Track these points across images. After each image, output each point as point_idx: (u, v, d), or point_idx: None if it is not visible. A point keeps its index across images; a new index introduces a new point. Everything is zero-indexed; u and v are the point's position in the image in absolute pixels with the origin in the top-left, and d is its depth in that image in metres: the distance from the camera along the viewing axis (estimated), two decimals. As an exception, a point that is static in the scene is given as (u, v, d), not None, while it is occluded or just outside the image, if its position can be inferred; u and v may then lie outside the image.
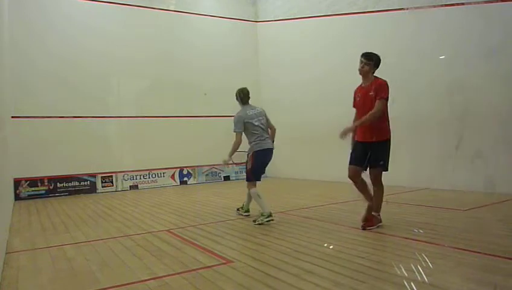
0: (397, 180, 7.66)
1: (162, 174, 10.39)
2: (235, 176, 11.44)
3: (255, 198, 4.97)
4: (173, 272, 3.14)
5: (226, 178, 11.32)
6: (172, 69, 10.56)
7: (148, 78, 10.33)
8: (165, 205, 6.97)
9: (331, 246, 3.68)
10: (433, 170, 7.32)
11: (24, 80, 8.81)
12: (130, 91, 10.13)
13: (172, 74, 10.55)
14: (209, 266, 3.24)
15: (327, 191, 7.80)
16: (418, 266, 2.93)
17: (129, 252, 3.85)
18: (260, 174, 5.13)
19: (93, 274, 3.20)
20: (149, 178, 10.21)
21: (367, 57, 4.21)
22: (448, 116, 7.10)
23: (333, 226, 4.36)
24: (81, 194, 9.22)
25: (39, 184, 8.90)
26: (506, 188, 6.15)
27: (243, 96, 5.24)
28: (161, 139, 10.27)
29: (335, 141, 4.75)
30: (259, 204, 4.92)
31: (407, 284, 2.60)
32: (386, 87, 4.12)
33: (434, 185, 7.25)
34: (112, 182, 9.74)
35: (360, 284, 2.66)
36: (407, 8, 7.77)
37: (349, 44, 8.87)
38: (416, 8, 7.60)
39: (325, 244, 3.75)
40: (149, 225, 5.19)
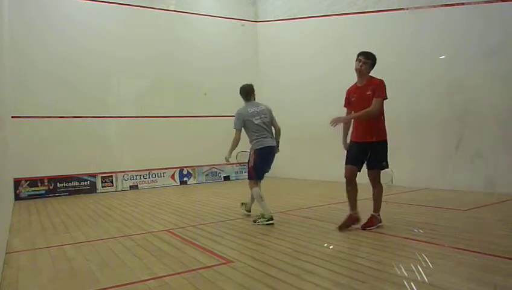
0: (397, 180, 7.67)
1: (162, 174, 10.39)
2: (235, 176, 11.44)
3: (257, 199, 4.91)
4: (173, 272, 3.14)
5: (226, 178, 11.32)
6: (172, 69, 10.56)
7: (148, 78, 10.33)
8: (165, 205, 6.97)
9: (331, 246, 3.68)
10: (433, 170, 7.32)
11: (24, 80, 8.80)
12: (130, 91, 10.13)
13: (172, 74, 10.54)
14: (209, 266, 3.24)
15: (327, 191, 7.79)
16: (418, 266, 2.93)
17: (129, 252, 3.85)
18: (262, 173, 5.06)
19: (93, 274, 3.20)
20: (149, 178, 10.21)
21: (365, 56, 4.17)
22: (448, 116, 7.10)
23: (333, 226, 4.36)
24: (81, 194, 9.22)
25: (39, 184, 8.90)
26: (506, 188, 6.15)
27: (245, 93, 5.18)
28: (161, 139, 10.27)
29: (335, 141, 4.77)
30: (261, 206, 4.88)
31: (407, 284, 2.60)
32: (385, 87, 4.09)
33: (434, 185, 7.25)
34: (112, 182, 9.74)
35: (360, 284, 2.66)
36: (407, 8, 7.77)
37: (349, 44, 8.85)
38: (416, 8, 7.60)
39: (325, 244, 3.75)
40: (149, 225, 5.20)
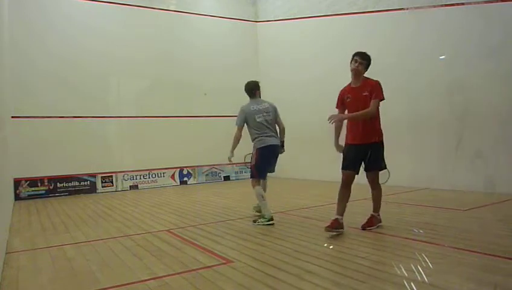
0: (397, 180, 7.67)
1: (162, 174, 10.39)
2: (235, 176, 11.44)
3: (258, 198, 4.87)
4: (173, 272, 3.14)
5: (226, 178, 11.32)
6: (172, 69, 10.56)
7: (148, 78, 10.33)
8: (165, 205, 6.97)
9: (331, 246, 3.68)
10: (433, 170, 7.32)
11: (24, 80, 8.81)
12: (130, 91, 10.13)
13: (172, 74, 10.55)
14: (209, 266, 3.24)
15: (327, 191, 7.79)
16: (418, 266, 2.93)
17: (129, 252, 3.85)
18: (264, 172, 5.02)
19: (93, 274, 3.20)
20: (149, 178, 10.21)
21: (361, 56, 4.13)
22: (448, 116, 7.10)
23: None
24: (81, 194, 9.22)
25: (39, 184, 8.90)
26: (506, 188, 6.15)
27: (249, 89, 5.11)
28: (161, 139, 10.27)
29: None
30: (262, 206, 4.86)
31: (407, 284, 2.60)
32: (382, 88, 4.06)
33: (434, 185, 7.25)
34: (112, 182, 9.74)
35: (360, 284, 2.66)
36: (407, 8, 7.77)
37: (349, 44, 8.82)
38: (416, 8, 7.60)
39: (325, 244, 3.75)
40: (149, 225, 5.19)
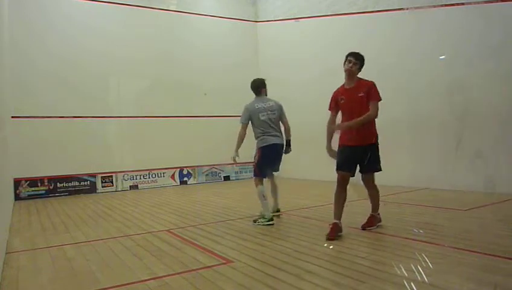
0: (397, 180, 7.69)
1: (162, 174, 10.39)
2: (235, 176, 11.44)
3: (259, 197, 4.85)
4: (173, 272, 3.14)
5: (226, 178, 11.32)
6: (172, 69, 10.56)
7: (148, 78, 10.33)
8: (165, 205, 6.97)
9: (331, 246, 3.68)
10: (433, 170, 7.32)
11: (24, 80, 8.80)
12: (130, 91, 10.13)
13: (172, 74, 10.54)
14: (209, 266, 3.24)
15: (327, 191, 7.75)
16: (418, 266, 2.93)
17: (129, 252, 3.85)
18: (266, 170, 5.00)
19: (93, 274, 3.20)
20: (149, 178, 10.21)
21: (355, 57, 4.06)
22: (448, 116, 7.10)
23: (333, 226, 4.35)
24: (81, 194, 9.22)
25: (39, 184, 8.90)
26: (506, 188, 6.14)
27: (254, 87, 5.09)
28: (161, 139, 10.27)
29: (335, 141, 4.74)
30: (263, 205, 4.84)
31: (407, 284, 2.60)
32: (377, 89, 4.02)
33: (434, 185, 7.24)
34: (112, 182, 9.74)
35: (360, 284, 2.66)
36: (407, 8, 7.77)
37: (349, 44, 8.78)
38: (416, 8, 7.60)
39: (325, 244, 3.75)
40: (149, 225, 5.20)
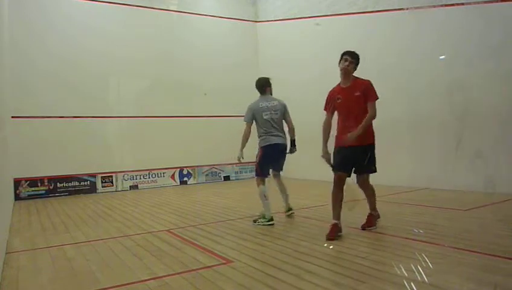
0: (397, 180, 7.69)
1: (162, 174, 10.39)
2: (235, 176, 11.44)
3: (261, 197, 4.84)
4: (173, 272, 3.14)
5: (226, 178, 11.31)
6: (172, 69, 10.56)
7: (148, 78, 10.33)
8: (165, 205, 6.97)
9: (331, 246, 3.68)
10: (433, 170, 7.31)
11: (24, 80, 8.80)
12: (130, 91, 10.12)
13: (172, 74, 10.54)
14: (209, 266, 3.24)
15: (327, 191, 7.73)
16: (418, 266, 2.93)
17: (129, 252, 3.85)
18: (267, 170, 4.99)
19: (93, 274, 3.20)
20: (149, 178, 10.21)
21: (351, 55, 4.01)
22: (448, 116, 7.10)
23: (333, 226, 4.34)
24: (81, 194, 9.22)
25: (39, 184, 8.90)
26: (506, 188, 6.14)
27: (259, 86, 5.06)
28: (161, 139, 10.27)
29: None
30: (264, 205, 4.83)
31: (407, 284, 2.60)
32: (374, 88, 3.98)
33: (434, 185, 7.24)
34: (112, 182, 9.74)
35: (360, 284, 2.66)
36: (407, 8, 7.77)
37: (349, 44, 8.77)
38: (416, 8, 7.60)
39: (325, 244, 3.75)
40: (149, 225, 5.20)
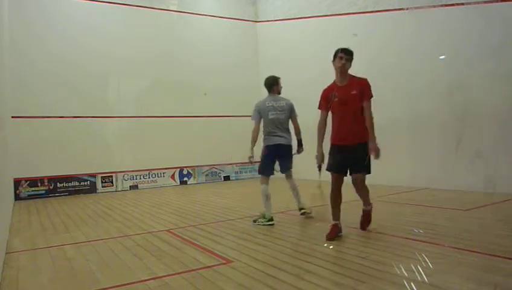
0: (397, 180, 7.69)
1: (162, 174, 10.39)
2: (235, 176, 11.45)
3: (262, 196, 4.85)
4: (173, 272, 3.14)
5: (226, 178, 11.32)
6: (172, 69, 10.57)
7: (148, 78, 10.33)
8: (165, 205, 6.97)
9: (331, 246, 3.68)
10: (433, 170, 7.32)
11: (24, 80, 8.81)
12: (130, 91, 10.13)
13: (172, 74, 10.55)
14: (209, 266, 3.24)
15: (327, 191, 7.77)
16: (418, 266, 2.93)
17: (129, 252, 3.85)
18: (268, 169, 4.99)
19: (93, 274, 3.20)
20: (149, 178, 10.21)
21: (347, 53, 3.92)
22: (448, 116, 7.10)
23: (333, 226, 4.34)
24: (81, 194, 9.22)
25: (39, 184, 8.90)
26: (506, 188, 6.14)
27: (267, 85, 5.08)
28: (161, 139, 10.27)
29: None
30: (265, 205, 4.83)
31: (407, 284, 2.60)
32: (370, 86, 3.92)
33: (434, 185, 7.24)
34: (112, 182, 9.74)
35: (360, 284, 2.66)
36: (407, 8, 7.77)
37: (349, 44, 8.81)
38: (416, 8, 7.60)
39: (325, 245, 3.74)
40: (149, 225, 5.19)
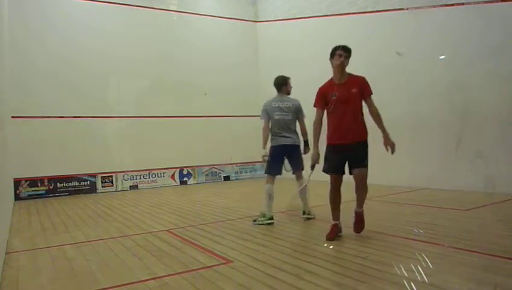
0: (397, 180, 7.69)
1: (162, 174, 10.39)
2: (235, 176, 11.45)
3: (265, 195, 4.87)
4: (173, 272, 3.14)
5: (226, 178, 11.31)
6: (172, 69, 10.56)
7: (148, 78, 10.33)
8: (165, 205, 6.97)
9: (331, 246, 3.68)
10: (433, 170, 7.32)
11: (24, 80, 8.81)
12: (130, 91, 10.13)
13: (172, 74, 10.55)
14: (209, 266, 3.24)
15: (327, 191, 7.77)
16: (418, 266, 2.93)
17: (129, 252, 3.85)
18: (274, 169, 4.97)
19: (93, 274, 3.20)
20: (149, 178, 10.21)
21: (345, 50, 3.87)
22: (448, 116, 7.10)
23: (333, 226, 4.34)
24: (81, 194, 9.22)
25: (39, 184, 8.90)
26: (506, 188, 6.14)
27: (276, 84, 5.09)
28: (161, 139, 10.27)
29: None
30: (266, 203, 4.85)
31: (407, 284, 2.60)
32: (368, 82, 3.89)
33: (434, 185, 7.24)
34: (112, 182, 9.74)
35: (360, 284, 2.66)
36: (407, 8, 7.77)
37: (349, 44, 8.83)
38: (416, 8, 7.60)
39: (325, 244, 3.75)
40: (149, 225, 5.19)
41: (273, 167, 4.99)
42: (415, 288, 2.54)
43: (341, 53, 3.86)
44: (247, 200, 7.13)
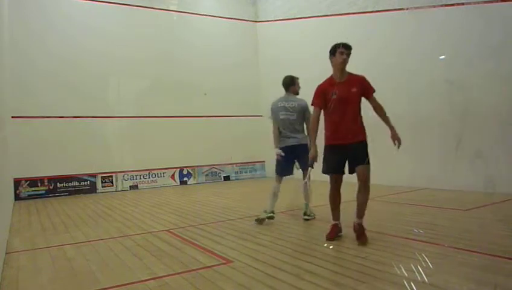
0: (397, 180, 7.69)
1: (162, 174, 10.39)
2: (235, 176, 11.44)
3: (270, 193, 4.90)
4: (173, 272, 3.14)
5: (226, 178, 11.31)
6: (172, 69, 10.56)
7: (148, 78, 10.33)
8: (165, 205, 6.97)
9: (331, 246, 3.68)
10: (433, 170, 7.32)
11: (24, 80, 8.81)
12: (130, 91, 10.13)
13: (172, 74, 10.55)
14: (209, 266, 3.24)
15: (327, 191, 7.77)
16: (418, 266, 2.93)
17: (129, 252, 3.85)
18: (282, 170, 5.00)
19: (93, 274, 3.20)
20: (149, 178, 10.21)
21: (348, 48, 3.81)
22: (448, 116, 7.10)
23: (333, 226, 4.34)
24: (81, 194, 9.22)
25: (39, 184, 8.90)
26: (506, 188, 6.14)
27: (283, 84, 5.09)
28: (161, 139, 10.27)
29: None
30: (269, 201, 4.89)
31: (407, 284, 2.60)
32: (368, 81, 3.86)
33: (434, 185, 7.24)
34: (112, 182, 9.74)
35: (360, 284, 2.66)
36: (407, 8, 7.77)
37: (349, 44, 8.87)
38: (416, 8, 7.60)
39: (325, 245, 3.75)
40: (149, 225, 5.19)
41: (280, 168, 5.02)
42: (415, 288, 2.54)
43: (343, 51, 3.80)
44: (247, 200, 7.13)
